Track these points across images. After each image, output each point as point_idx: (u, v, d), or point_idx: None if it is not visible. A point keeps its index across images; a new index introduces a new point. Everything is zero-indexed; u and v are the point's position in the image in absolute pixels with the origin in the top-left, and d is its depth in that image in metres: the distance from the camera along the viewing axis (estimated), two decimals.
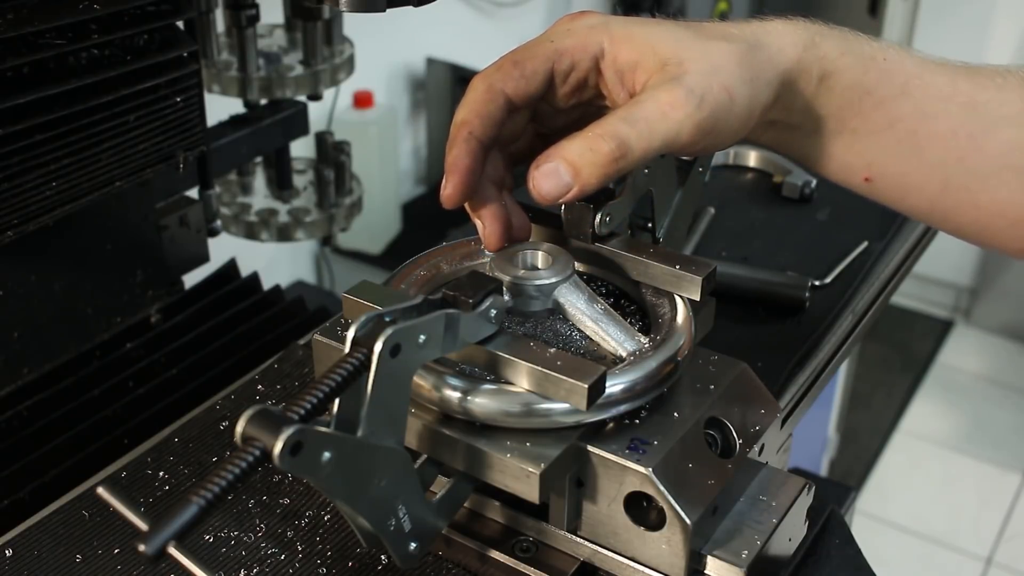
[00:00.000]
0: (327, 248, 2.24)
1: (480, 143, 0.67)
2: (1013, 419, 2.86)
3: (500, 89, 0.67)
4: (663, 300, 0.71)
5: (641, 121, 0.63)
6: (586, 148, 0.62)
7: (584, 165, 0.62)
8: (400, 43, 2.28)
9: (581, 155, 0.62)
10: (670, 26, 0.67)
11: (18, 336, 0.89)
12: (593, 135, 0.63)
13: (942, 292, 3.21)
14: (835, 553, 0.77)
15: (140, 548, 0.49)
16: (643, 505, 0.65)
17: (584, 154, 0.62)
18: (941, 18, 2.90)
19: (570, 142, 0.63)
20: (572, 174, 0.63)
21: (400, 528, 0.62)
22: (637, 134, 0.62)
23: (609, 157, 0.62)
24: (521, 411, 0.63)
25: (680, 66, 0.64)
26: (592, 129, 0.63)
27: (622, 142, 0.62)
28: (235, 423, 0.52)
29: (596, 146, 0.62)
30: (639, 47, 0.65)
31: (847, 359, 1.20)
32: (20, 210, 0.81)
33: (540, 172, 0.63)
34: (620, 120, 0.63)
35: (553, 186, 0.63)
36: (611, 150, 0.62)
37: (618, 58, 0.66)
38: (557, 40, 0.67)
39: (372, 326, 0.58)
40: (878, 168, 0.72)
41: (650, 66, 0.65)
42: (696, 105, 0.63)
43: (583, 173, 0.63)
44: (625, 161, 0.63)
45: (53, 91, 0.80)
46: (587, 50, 0.67)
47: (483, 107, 0.67)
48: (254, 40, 1.19)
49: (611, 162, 0.62)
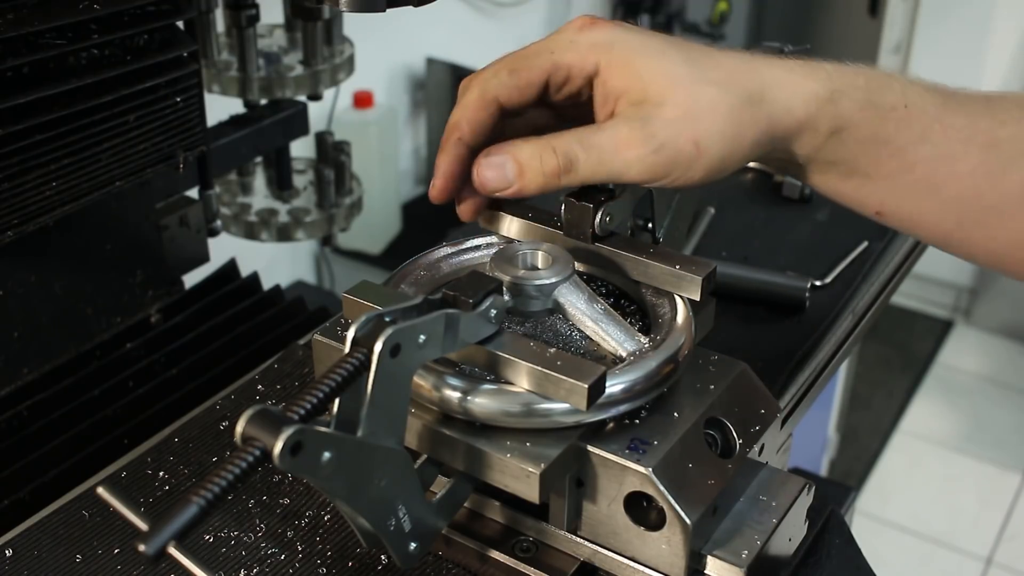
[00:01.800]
0: (327, 248, 2.24)
1: (468, 147, 0.69)
2: (1013, 419, 2.86)
3: (493, 97, 0.68)
4: (663, 300, 0.71)
5: (595, 148, 0.65)
6: (536, 155, 0.65)
7: (529, 170, 0.65)
8: (400, 43, 2.28)
9: (530, 160, 0.65)
10: (674, 58, 0.66)
11: (18, 336, 0.89)
12: (547, 146, 0.65)
13: (942, 292, 3.21)
14: (835, 553, 0.77)
15: (140, 548, 0.49)
16: (643, 505, 0.65)
17: (533, 160, 0.65)
18: (941, 18, 2.90)
19: (524, 143, 0.66)
20: (516, 173, 0.66)
21: (400, 528, 0.62)
22: (586, 159, 0.65)
23: (554, 171, 0.65)
24: (521, 411, 0.63)
25: (658, 107, 0.64)
26: (549, 139, 0.65)
27: (570, 162, 0.65)
28: (235, 423, 0.52)
29: (546, 157, 0.65)
30: (629, 77, 0.65)
31: (847, 359, 1.20)
32: (20, 210, 0.81)
33: (487, 162, 0.66)
34: (576, 141, 0.65)
35: (496, 178, 0.66)
36: (558, 166, 0.65)
37: (608, 82, 0.66)
38: (557, 52, 0.67)
39: (372, 326, 0.58)
40: (891, 207, 0.71)
41: (633, 97, 0.65)
42: (652, 150, 0.64)
43: (526, 177, 0.66)
44: (568, 179, 0.65)
45: (53, 91, 0.80)
46: (583, 68, 0.67)
47: (475, 114, 0.68)
48: (254, 40, 1.19)
49: (554, 176, 0.65)
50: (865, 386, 2.85)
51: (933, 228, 0.72)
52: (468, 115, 0.68)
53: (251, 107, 1.22)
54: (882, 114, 0.68)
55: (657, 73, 0.65)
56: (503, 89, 0.68)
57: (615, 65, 0.66)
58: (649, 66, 0.65)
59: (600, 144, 0.65)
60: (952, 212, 0.70)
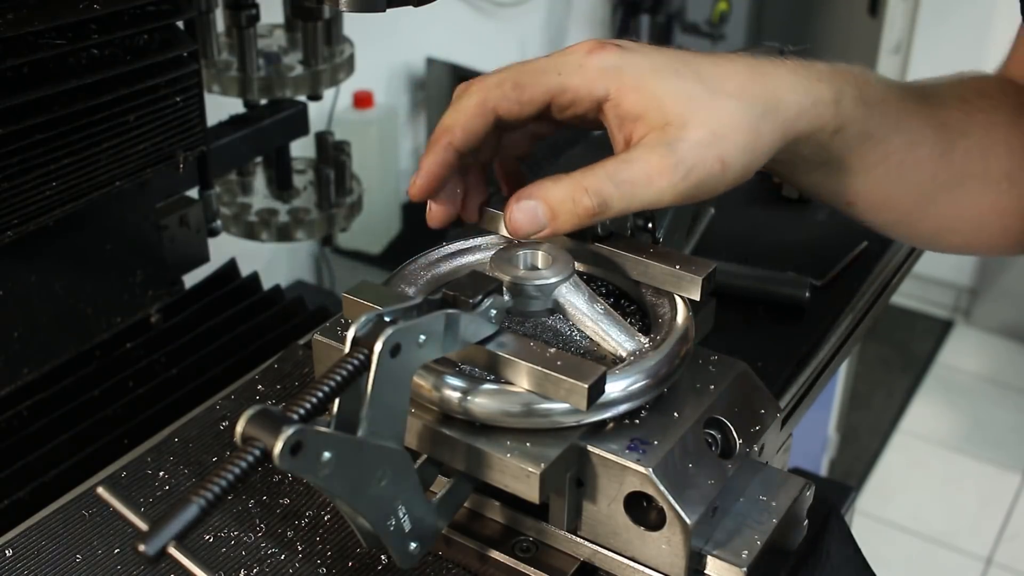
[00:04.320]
0: (327, 248, 2.24)
1: (457, 153, 0.69)
2: (1013, 419, 2.86)
3: (493, 108, 0.67)
4: (663, 300, 0.71)
5: (626, 184, 0.64)
6: (568, 198, 0.64)
7: (563, 213, 0.65)
8: (400, 43, 2.28)
9: (562, 203, 0.64)
10: (686, 76, 0.65)
11: (18, 336, 0.89)
12: (578, 186, 0.64)
13: (942, 292, 3.21)
14: (835, 553, 0.77)
15: (140, 548, 0.49)
16: (643, 505, 0.65)
17: (565, 202, 0.64)
18: (941, 18, 2.90)
19: (555, 185, 0.65)
20: (549, 217, 0.65)
21: (400, 528, 0.62)
22: (620, 196, 0.64)
23: (588, 212, 0.64)
24: (521, 411, 0.63)
25: (682, 129, 0.64)
26: (579, 179, 0.64)
27: (603, 201, 0.64)
28: (235, 423, 0.52)
29: (578, 198, 0.64)
30: (646, 100, 0.65)
31: (847, 359, 1.20)
32: (20, 210, 0.81)
33: (519, 207, 0.65)
34: (607, 178, 0.64)
35: (528, 223, 0.65)
36: (592, 206, 0.64)
37: (622, 105, 0.65)
38: (564, 75, 0.66)
39: (372, 326, 0.58)
40: (863, 196, 0.74)
41: (653, 121, 0.64)
42: (683, 176, 0.64)
43: (559, 219, 0.65)
44: (603, 216, 0.65)
45: (53, 91, 0.80)
46: (592, 94, 0.66)
47: (470, 120, 0.68)
48: (254, 40, 1.19)
49: (589, 216, 0.65)
50: (865, 386, 2.85)
51: (893, 210, 0.75)
52: (463, 121, 0.68)
53: (251, 107, 1.22)
54: (870, 109, 0.69)
55: (674, 94, 0.64)
56: (505, 102, 0.67)
57: (628, 90, 0.65)
58: (664, 88, 0.65)
59: (631, 178, 0.64)
60: (913, 194, 0.74)
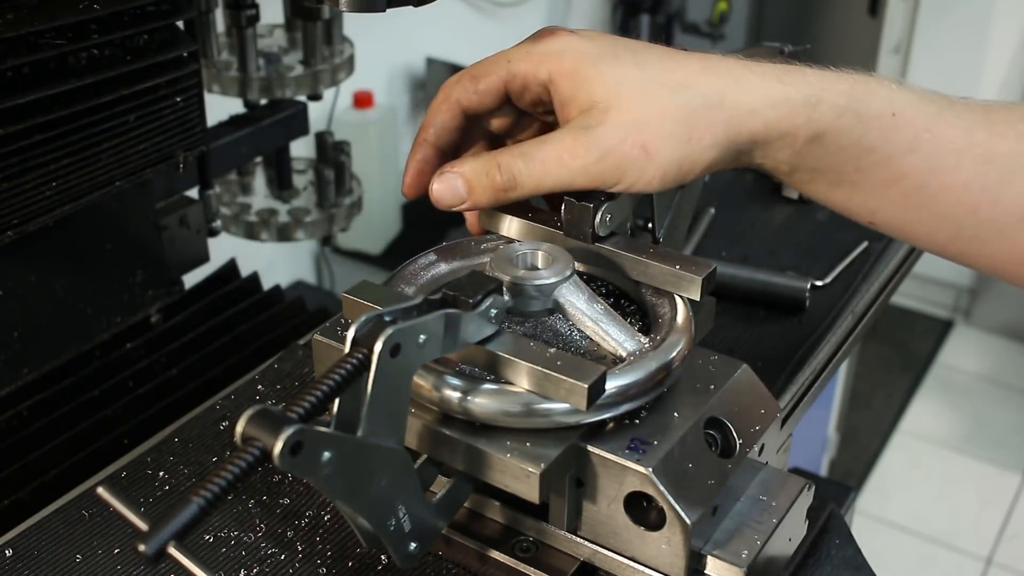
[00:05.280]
0: (327, 248, 2.24)
1: (434, 147, 0.74)
2: (1013, 419, 2.86)
3: (456, 101, 0.72)
4: (663, 300, 0.71)
5: (537, 162, 0.67)
6: (483, 171, 0.68)
7: (477, 187, 0.69)
8: (400, 43, 2.28)
9: (477, 177, 0.68)
10: (626, 63, 0.67)
11: (18, 336, 0.89)
12: (492, 162, 0.68)
13: (942, 292, 3.22)
14: (835, 553, 0.77)
15: (140, 548, 0.49)
16: (643, 505, 0.65)
17: (480, 177, 0.68)
18: (941, 18, 2.90)
19: (473, 161, 0.69)
20: (467, 191, 0.69)
21: (400, 528, 0.62)
22: (529, 173, 0.67)
23: (500, 187, 0.68)
24: (521, 411, 0.63)
25: (604, 114, 0.66)
26: (496, 155, 0.68)
27: (513, 177, 0.67)
28: (235, 423, 0.52)
29: (491, 174, 0.68)
30: (577, 85, 0.67)
31: (847, 359, 1.20)
32: (20, 210, 0.81)
33: (440, 179, 0.69)
34: (519, 156, 0.68)
35: (449, 195, 0.69)
36: (502, 182, 0.68)
37: (559, 88, 0.68)
38: (513, 62, 0.70)
39: (372, 326, 0.58)
40: (882, 216, 0.71)
41: (581, 104, 0.67)
42: (596, 158, 0.65)
43: (475, 193, 0.69)
44: (515, 193, 0.68)
45: (53, 91, 0.80)
46: (537, 77, 0.69)
47: (438, 116, 0.73)
48: (254, 40, 1.19)
49: (501, 191, 0.68)
50: (865, 386, 2.85)
51: (927, 239, 0.71)
52: (433, 117, 0.73)
53: (251, 107, 1.22)
54: (865, 121, 0.66)
55: (604, 79, 0.66)
56: (465, 94, 0.72)
57: (564, 74, 0.68)
58: (596, 73, 0.67)
59: (543, 157, 0.67)
60: (946, 225, 0.69)
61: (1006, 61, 2.90)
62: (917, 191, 0.68)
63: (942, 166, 0.67)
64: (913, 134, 0.67)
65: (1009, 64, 2.90)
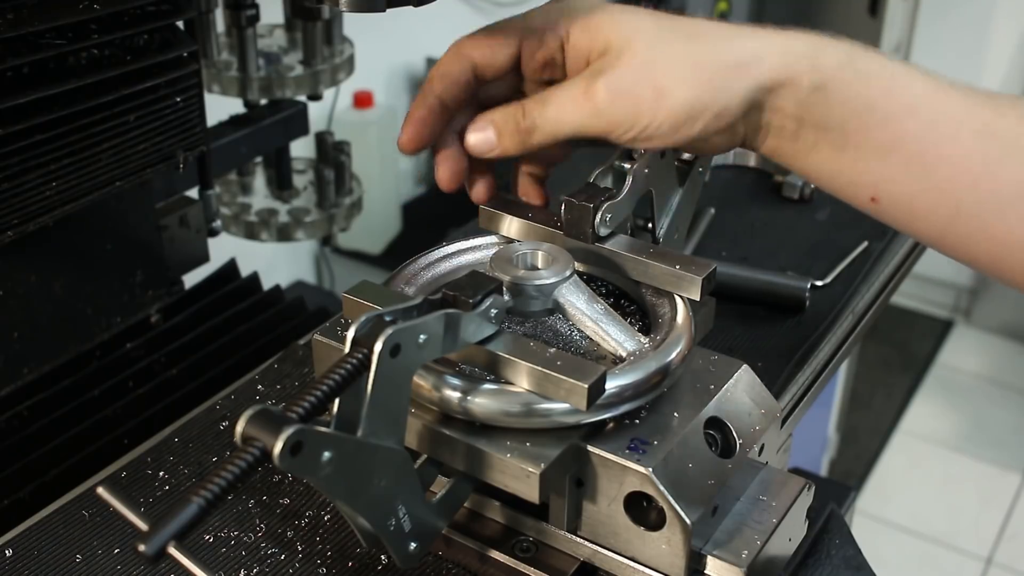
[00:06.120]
0: (327, 248, 2.24)
1: (439, 99, 0.72)
2: (1013, 419, 2.86)
3: (467, 54, 0.72)
4: (663, 300, 0.71)
5: (554, 105, 0.68)
6: (510, 116, 0.70)
7: (504, 132, 0.70)
8: (400, 43, 2.28)
9: (504, 122, 0.70)
10: (639, 15, 0.68)
11: (18, 336, 0.89)
12: (518, 108, 0.70)
13: (942, 292, 3.21)
14: (835, 553, 0.77)
15: (140, 548, 0.49)
16: (643, 505, 0.65)
17: (507, 121, 0.70)
18: (941, 18, 2.90)
19: (503, 108, 0.70)
20: (496, 136, 0.70)
21: (400, 528, 0.62)
22: (547, 116, 0.68)
23: (524, 131, 0.69)
24: (521, 411, 0.63)
25: (618, 57, 0.66)
26: (522, 101, 0.70)
27: (533, 121, 0.69)
28: (235, 423, 0.52)
29: (517, 118, 0.69)
30: (593, 33, 0.68)
31: (847, 359, 1.20)
32: (20, 210, 0.81)
33: (473, 126, 0.71)
34: (540, 100, 0.69)
35: (481, 141, 0.71)
36: (525, 126, 0.69)
37: (576, 44, 0.69)
38: (528, 19, 0.71)
39: (372, 326, 0.58)
40: (885, 189, 0.69)
41: (596, 51, 0.68)
42: (611, 99, 0.66)
43: (503, 137, 0.70)
44: (536, 137, 0.69)
45: (53, 91, 0.80)
46: (554, 31, 0.70)
47: (447, 67, 0.72)
48: (254, 40, 1.19)
49: (525, 135, 0.69)
50: (865, 386, 2.85)
51: (928, 218, 0.69)
52: (442, 69, 0.72)
53: (251, 107, 1.22)
54: (864, 77, 0.67)
55: (619, 26, 0.67)
56: (477, 48, 0.72)
57: (579, 25, 0.69)
58: (612, 20, 0.68)
59: (559, 100, 0.68)
60: (947, 200, 0.68)
61: (1006, 61, 2.90)
62: (917, 158, 0.67)
63: (941, 133, 0.67)
64: (911, 97, 0.68)
65: (1009, 64, 2.90)
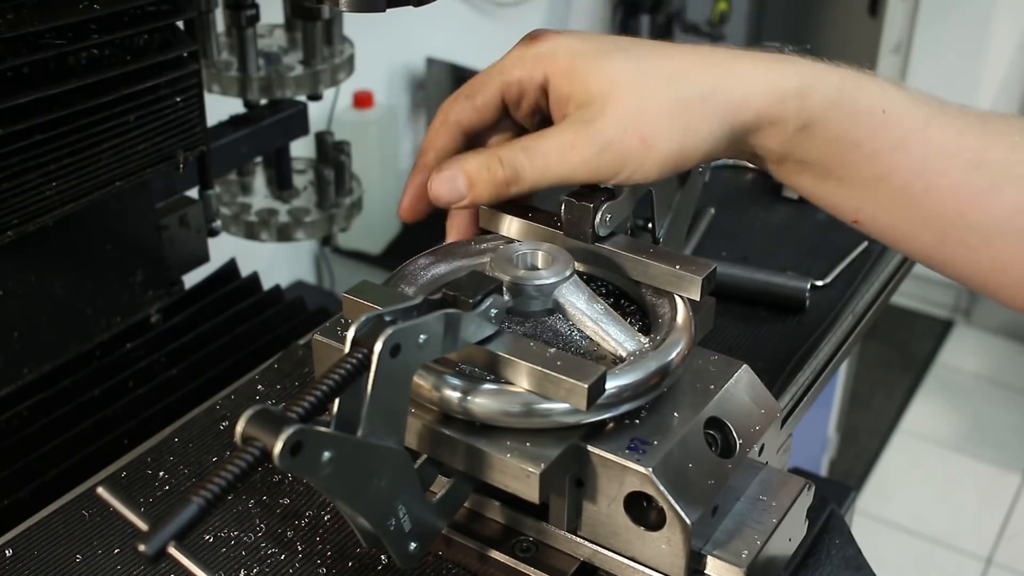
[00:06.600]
0: (327, 248, 2.24)
1: None
2: (1013, 419, 2.86)
3: (455, 121, 0.72)
4: (663, 300, 0.71)
5: (540, 156, 0.67)
6: (484, 166, 0.68)
7: (479, 182, 0.68)
8: (400, 43, 2.28)
9: (478, 172, 0.68)
10: (617, 59, 0.67)
11: (18, 336, 0.89)
12: (494, 156, 0.68)
13: (942, 292, 3.21)
14: (835, 553, 0.77)
15: (140, 548, 0.49)
16: (643, 505, 0.65)
17: (481, 172, 0.68)
18: (941, 18, 2.90)
19: (473, 156, 0.69)
20: (467, 186, 0.69)
21: (400, 528, 0.62)
22: (532, 167, 0.67)
23: (502, 182, 0.68)
24: (521, 411, 0.63)
25: (602, 107, 0.66)
26: (496, 150, 0.68)
27: (516, 171, 0.67)
28: (235, 423, 0.52)
29: (493, 168, 0.67)
30: (574, 82, 0.67)
31: (847, 359, 1.20)
32: (20, 210, 0.81)
33: (440, 176, 0.69)
34: (522, 149, 0.67)
35: (448, 192, 0.69)
36: (505, 176, 0.67)
37: (557, 90, 0.68)
38: (505, 72, 0.70)
39: (372, 326, 0.58)
40: (867, 215, 0.70)
41: (579, 100, 0.67)
42: (598, 151, 0.66)
43: (476, 188, 0.68)
44: (517, 187, 0.68)
45: (53, 91, 0.80)
46: (533, 80, 0.69)
47: (438, 139, 0.73)
48: (254, 40, 1.19)
49: (503, 186, 0.68)
50: (865, 386, 2.85)
51: (911, 241, 0.70)
52: (433, 140, 0.73)
53: (251, 107, 1.22)
54: (852, 115, 0.67)
55: (600, 74, 0.67)
56: (463, 114, 0.72)
57: (560, 73, 0.68)
58: (591, 68, 0.67)
59: (545, 151, 0.67)
60: (932, 228, 0.68)
61: (1006, 61, 2.90)
62: (903, 191, 0.68)
63: (931, 167, 0.67)
64: (902, 132, 0.67)
65: (1009, 65, 2.90)
